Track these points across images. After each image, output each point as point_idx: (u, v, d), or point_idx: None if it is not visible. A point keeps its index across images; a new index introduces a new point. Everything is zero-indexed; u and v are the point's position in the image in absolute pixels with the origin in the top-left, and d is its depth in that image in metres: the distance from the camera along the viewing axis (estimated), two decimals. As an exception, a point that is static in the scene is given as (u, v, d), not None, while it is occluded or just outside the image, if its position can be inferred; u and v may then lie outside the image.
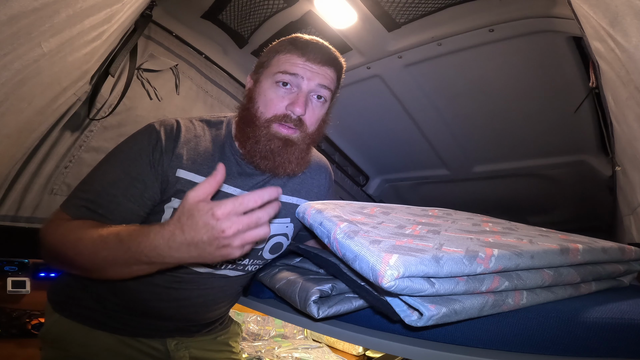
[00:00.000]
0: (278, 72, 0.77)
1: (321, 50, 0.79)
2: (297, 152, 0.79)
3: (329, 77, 0.79)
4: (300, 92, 0.77)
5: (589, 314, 0.50)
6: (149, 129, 0.76)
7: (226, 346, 1.01)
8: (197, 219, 0.54)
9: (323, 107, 0.81)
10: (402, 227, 0.63)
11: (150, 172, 0.73)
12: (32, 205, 1.53)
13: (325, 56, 0.79)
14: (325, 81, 0.79)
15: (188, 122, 0.81)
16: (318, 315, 0.59)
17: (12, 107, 0.93)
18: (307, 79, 0.77)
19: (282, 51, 0.79)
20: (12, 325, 1.74)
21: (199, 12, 1.62)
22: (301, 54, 0.77)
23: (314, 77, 0.77)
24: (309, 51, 0.77)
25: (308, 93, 0.78)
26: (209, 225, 0.53)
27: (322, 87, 0.78)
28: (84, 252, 0.64)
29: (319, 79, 0.78)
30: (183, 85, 1.76)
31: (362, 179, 2.57)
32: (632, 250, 0.66)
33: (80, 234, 0.65)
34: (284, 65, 0.77)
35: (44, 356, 0.85)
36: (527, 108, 1.69)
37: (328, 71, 0.79)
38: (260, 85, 0.80)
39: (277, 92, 0.77)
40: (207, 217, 0.53)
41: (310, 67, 0.77)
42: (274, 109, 0.77)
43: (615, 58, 0.75)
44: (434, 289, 0.46)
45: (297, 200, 0.88)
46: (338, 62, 0.82)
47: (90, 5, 0.86)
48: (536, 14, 1.31)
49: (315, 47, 0.78)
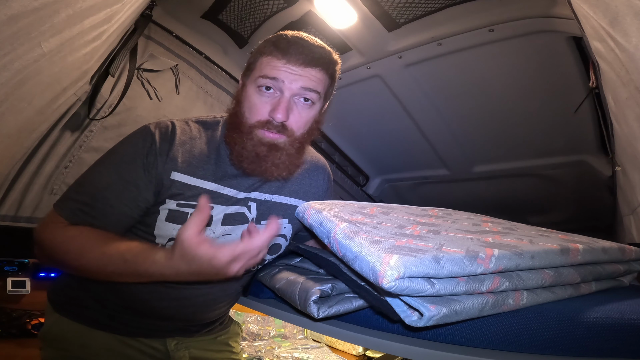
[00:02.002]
0: (259, 77, 0.74)
1: (304, 51, 0.73)
2: (285, 156, 0.77)
3: (314, 78, 0.75)
4: (282, 97, 0.74)
5: (589, 314, 0.50)
6: (144, 131, 0.76)
7: (226, 346, 1.01)
8: (199, 262, 0.58)
9: (311, 110, 0.78)
10: (402, 227, 0.63)
11: (144, 176, 0.73)
12: (32, 205, 1.53)
13: (309, 57, 0.73)
14: (310, 83, 0.74)
15: (184, 123, 0.80)
16: (318, 315, 0.59)
17: (12, 107, 0.93)
18: (288, 82, 0.73)
19: (265, 53, 0.75)
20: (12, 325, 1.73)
21: (199, 12, 1.62)
22: (282, 56, 0.73)
23: (296, 80, 0.73)
24: (290, 53, 0.73)
25: (291, 97, 0.74)
26: (213, 266, 0.58)
27: (306, 90, 0.74)
28: (90, 265, 0.67)
29: (302, 81, 0.74)
30: (183, 85, 1.76)
31: (362, 179, 2.57)
32: (632, 250, 0.66)
33: (82, 244, 0.68)
34: (265, 68, 0.74)
35: (44, 356, 0.85)
36: (527, 108, 1.69)
37: (313, 72, 0.74)
38: (245, 89, 0.78)
39: (260, 98, 0.75)
40: (210, 261, 0.57)
41: (292, 70, 0.73)
42: (257, 115, 0.75)
43: (615, 58, 0.75)
44: (434, 289, 0.46)
45: (295, 201, 0.87)
46: (325, 60, 0.76)
47: (90, 5, 0.86)
48: (536, 14, 1.31)
49: (298, 47, 0.73)
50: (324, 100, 0.81)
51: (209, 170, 0.77)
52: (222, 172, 0.79)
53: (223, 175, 0.79)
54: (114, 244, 0.66)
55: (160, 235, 0.75)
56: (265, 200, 0.83)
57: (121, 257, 0.64)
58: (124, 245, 0.66)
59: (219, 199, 0.77)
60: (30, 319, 1.77)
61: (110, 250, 0.65)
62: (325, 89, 0.79)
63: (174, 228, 0.74)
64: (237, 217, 0.79)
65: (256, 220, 0.82)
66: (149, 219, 0.75)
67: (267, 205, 0.83)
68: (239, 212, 0.79)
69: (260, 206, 0.82)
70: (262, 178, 0.80)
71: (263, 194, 0.83)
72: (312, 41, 0.76)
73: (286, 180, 0.85)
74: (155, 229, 0.75)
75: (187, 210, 0.74)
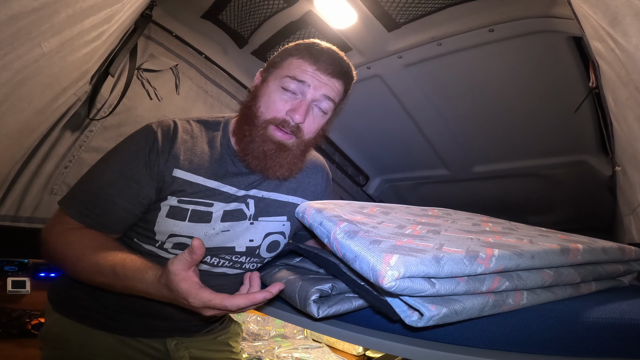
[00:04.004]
0: (287, 76, 0.77)
1: (334, 62, 0.78)
2: (290, 157, 0.79)
3: (336, 89, 0.79)
4: (304, 99, 0.77)
5: (589, 314, 0.50)
6: (147, 130, 0.77)
7: (226, 346, 1.01)
8: (177, 297, 0.60)
9: (324, 118, 0.81)
10: (402, 227, 0.63)
11: (146, 173, 0.74)
12: (32, 205, 1.53)
13: (338, 68, 0.78)
14: (332, 93, 0.78)
15: (185, 122, 0.81)
16: (318, 315, 0.59)
17: (12, 107, 0.93)
18: (313, 87, 0.77)
19: (296, 55, 0.78)
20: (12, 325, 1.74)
21: (199, 12, 1.62)
22: (313, 62, 0.77)
23: (321, 87, 0.77)
24: (321, 60, 0.77)
25: (311, 102, 0.78)
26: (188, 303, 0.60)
27: (326, 98, 0.78)
28: (83, 273, 0.69)
29: (326, 89, 0.77)
30: (183, 85, 1.76)
31: (362, 179, 2.57)
32: (632, 250, 0.66)
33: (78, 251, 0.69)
34: (295, 70, 0.77)
35: (44, 356, 0.86)
36: (527, 108, 1.69)
37: (336, 83, 0.79)
38: (267, 85, 0.80)
39: (281, 96, 0.77)
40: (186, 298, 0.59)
41: (320, 77, 0.77)
42: (275, 112, 0.77)
43: (615, 58, 0.75)
44: (434, 289, 0.46)
45: (293, 199, 0.88)
46: (349, 75, 0.81)
47: (90, 5, 0.86)
48: (536, 14, 1.31)
49: (329, 57, 0.78)
50: (335, 111, 0.84)
51: (210, 168, 0.78)
52: (223, 171, 0.80)
53: (224, 173, 0.80)
54: (108, 255, 0.67)
55: (160, 232, 0.76)
56: (263, 198, 0.84)
57: (112, 269, 0.66)
58: (118, 257, 0.67)
59: (219, 196, 0.78)
60: (30, 319, 1.77)
61: (102, 261, 0.67)
62: (339, 101, 0.83)
63: (174, 224, 0.75)
64: (235, 214, 0.80)
65: (254, 217, 0.82)
66: (149, 216, 0.76)
67: (265, 203, 0.84)
68: (237, 209, 0.80)
69: (258, 203, 0.83)
70: (263, 175, 0.81)
71: (261, 191, 0.83)
72: (341, 54, 0.80)
73: (285, 178, 0.86)
74: (156, 225, 0.76)
75: (187, 207, 0.75)
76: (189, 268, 0.59)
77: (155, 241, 0.77)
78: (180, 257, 0.59)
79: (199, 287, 0.59)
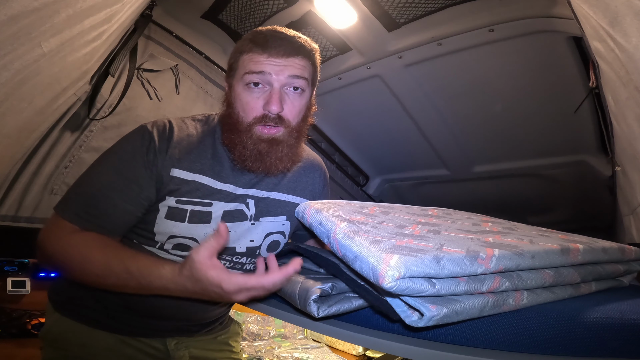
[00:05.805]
0: (245, 74, 0.75)
1: (282, 43, 0.75)
2: (286, 148, 0.78)
3: (298, 66, 0.76)
4: (273, 89, 0.75)
5: (589, 314, 0.50)
6: (142, 130, 0.76)
7: (226, 346, 1.01)
8: (206, 284, 0.59)
9: (302, 97, 0.79)
10: (402, 227, 0.63)
11: (145, 174, 0.73)
12: (32, 205, 1.53)
13: (289, 47, 0.75)
14: (296, 71, 0.75)
15: (180, 121, 0.81)
16: (318, 315, 0.59)
17: (12, 107, 0.93)
18: (275, 73, 0.74)
19: (245, 51, 0.76)
20: (12, 325, 1.73)
21: (199, 12, 1.62)
22: (262, 51, 0.74)
23: (281, 70, 0.74)
24: (269, 46, 0.74)
25: (281, 88, 0.75)
26: (221, 290, 0.59)
27: (293, 77, 0.75)
28: (90, 275, 0.68)
29: (288, 70, 0.75)
30: (183, 85, 1.76)
31: (362, 179, 2.57)
32: (632, 250, 0.66)
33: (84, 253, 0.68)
34: (249, 65, 0.75)
35: (45, 356, 0.85)
36: (527, 108, 1.69)
37: (296, 60, 0.76)
38: (233, 89, 0.78)
39: (250, 94, 0.76)
40: (218, 286, 0.59)
41: (276, 62, 0.74)
42: (252, 111, 0.76)
43: (615, 58, 0.75)
44: (434, 289, 0.46)
45: (292, 198, 0.88)
46: (304, 48, 0.77)
47: (90, 5, 0.86)
48: (536, 14, 1.31)
49: (275, 40, 0.75)
50: (311, 86, 0.82)
51: (206, 165, 0.78)
52: (220, 168, 0.79)
53: (220, 171, 0.79)
54: (118, 255, 0.66)
55: (159, 233, 0.76)
56: (263, 198, 0.83)
57: (125, 269, 0.65)
58: (129, 256, 0.66)
59: (218, 195, 0.78)
60: (30, 319, 1.77)
61: (113, 260, 0.66)
62: (311, 75, 0.80)
63: (174, 225, 0.75)
64: (235, 214, 0.80)
65: (255, 218, 0.82)
66: (148, 217, 0.76)
67: (265, 203, 0.84)
68: (237, 209, 0.80)
69: (258, 203, 0.83)
70: (267, 174, 0.81)
71: (261, 191, 0.83)
72: (288, 32, 0.77)
73: (284, 176, 0.86)
74: (155, 226, 0.75)
75: (186, 207, 0.75)
76: (213, 255, 0.59)
77: (155, 242, 0.77)
78: (205, 245, 0.58)
79: (228, 272, 0.59)
